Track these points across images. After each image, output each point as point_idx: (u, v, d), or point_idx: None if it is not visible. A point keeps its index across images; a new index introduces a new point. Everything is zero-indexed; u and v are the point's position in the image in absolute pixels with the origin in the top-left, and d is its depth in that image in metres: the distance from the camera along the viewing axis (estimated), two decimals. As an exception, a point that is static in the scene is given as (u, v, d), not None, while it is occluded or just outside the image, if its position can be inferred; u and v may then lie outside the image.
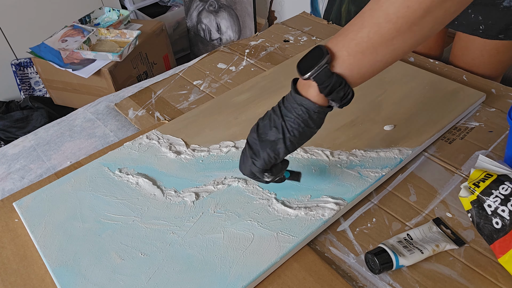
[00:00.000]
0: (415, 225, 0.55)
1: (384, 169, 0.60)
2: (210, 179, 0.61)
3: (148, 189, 0.60)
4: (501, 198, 0.49)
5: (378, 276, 0.50)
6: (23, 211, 0.58)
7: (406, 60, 0.87)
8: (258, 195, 0.58)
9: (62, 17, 1.87)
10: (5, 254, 0.55)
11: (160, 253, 0.52)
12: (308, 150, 0.64)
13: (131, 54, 1.52)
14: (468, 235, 0.53)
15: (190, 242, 0.53)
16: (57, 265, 0.51)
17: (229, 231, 0.54)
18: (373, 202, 0.59)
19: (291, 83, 0.50)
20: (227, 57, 0.97)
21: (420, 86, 0.76)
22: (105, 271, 0.50)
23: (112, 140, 0.76)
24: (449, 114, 0.69)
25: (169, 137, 0.70)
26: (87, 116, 0.84)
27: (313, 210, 0.55)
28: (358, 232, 0.55)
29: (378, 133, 0.66)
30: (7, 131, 1.61)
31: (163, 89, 0.88)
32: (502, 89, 0.77)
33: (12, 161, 0.74)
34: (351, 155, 0.63)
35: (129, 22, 1.70)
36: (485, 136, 0.67)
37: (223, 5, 1.90)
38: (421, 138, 0.65)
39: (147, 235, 0.54)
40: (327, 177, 0.59)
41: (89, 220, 0.57)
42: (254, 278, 0.48)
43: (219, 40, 2.00)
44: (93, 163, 0.66)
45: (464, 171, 0.61)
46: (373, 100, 0.73)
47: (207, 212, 0.56)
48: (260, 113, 0.74)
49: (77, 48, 1.43)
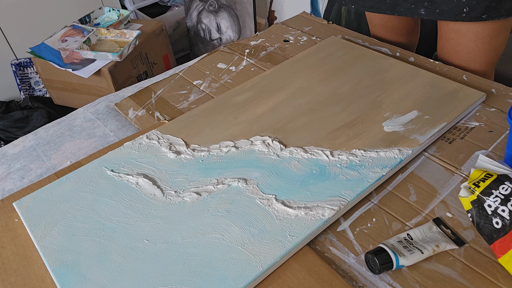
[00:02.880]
0: (415, 225, 0.55)
1: (384, 169, 0.60)
2: (210, 179, 0.61)
3: (148, 189, 0.60)
4: (501, 198, 0.49)
5: (378, 276, 0.50)
6: (23, 211, 0.58)
7: (406, 60, 0.87)
8: (258, 195, 0.58)
9: (62, 17, 1.87)
10: (5, 254, 0.55)
11: (160, 253, 0.52)
12: (308, 150, 0.64)
13: (131, 54, 1.52)
14: (468, 235, 0.53)
15: (190, 242, 0.53)
16: (57, 265, 0.51)
17: (229, 231, 0.54)
18: (373, 202, 0.59)
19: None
20: (227, 57, 0.97)
21: (420, 86, 0.76)
22: (105, 271, 0.50)
23: (112, 140, 0.76)
24: (449, 114, 0.69)
25: (169, 137, 0.70)
26: (87, 116, 0.84)
27: (313, 210, 0.55)
28: (358, 232, 0.55)
29: (378, 133, 0.66)
30: (7, 131, 1.61)
31: (163, 89, 0.88)
32: (502, 89, 0.77)
33: (12, 161, 0.74)
34: (351, 155, 0.63)
35: (129, 22, 1.70)
36: (485, 136, 0.67)
37: (223, 5, 1.90)
38: (421, 138, 0.65)
39: (147, 235, 0.54)
40: (327, 177, 0.59)
41: (89, 220, 0.56)
42: (254, 278, 0.48)
43: (219, 40, 2.00)
44: (93, 163, 0.66)
45: (464, 171, 0.61)
46: (373, 100, 0.73)
47: (207, 212, 0.56)
48: (260, 113, 0.74)
49: (77, 48, 1.43)
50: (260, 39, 1.03)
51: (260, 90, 0.79)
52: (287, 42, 1.00)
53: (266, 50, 0.98)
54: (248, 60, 0.95)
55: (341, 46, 0.91)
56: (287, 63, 0.87)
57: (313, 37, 1.00)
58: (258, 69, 0.91)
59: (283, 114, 0.73)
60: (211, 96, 0.84)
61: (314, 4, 1.74)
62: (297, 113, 0.72)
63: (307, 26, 1.06)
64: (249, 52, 0.98)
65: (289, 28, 1.06)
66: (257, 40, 1.03)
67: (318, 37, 1.00)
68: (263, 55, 0.96)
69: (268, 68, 0.90)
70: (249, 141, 0.67)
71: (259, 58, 0.95)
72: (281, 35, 1.04)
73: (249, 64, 0.93)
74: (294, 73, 0.83)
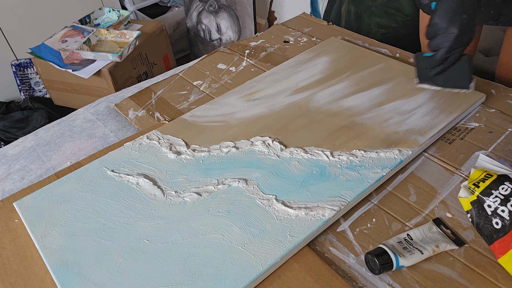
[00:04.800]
0: (415, 225, 0.55)
1: (384, 170, 0.60)
2: (211, 179, 0.61)
3: (149, 189, 0.61)
4: (501, 199, 0.49)
5: (378, 277, 0.50)
6: (23, 211, 0.59)
7: (406, 60, 0.88)
8: (258, 195, 0.58)
9: (62, 17, 1.87)
10: (5, 254, 0.55)
11: (160, 254, 0.52)
12: (308, 151, 0.64)
13: (131, 54, 1.52)
14: (468, 235, 0.53)
15: (191, 242, 0.53)
16: (57, 265, 0.51)
17: (229, 231, 0.54)
18: (373, 202, 0.59)
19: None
20: (227, 57, 0.97)
21: (418, 87, 0.75)
22: (105, 271, 0.50)
23: (112, 141, 0.76)
24: (450, 114, 0.69)
25: (169, 137, 0.70)
26: (87, 117, 0.84)
27: (313, 210, 0.55)
28: (358, 233, 0.55)
29: (378, 133, 0.66)
30: (7, 131, 1.61)
31: (163, 90, 0.88)
32: (501, 90, 0.77)
33: (12, 161, 0.74)
34: (351, 156, 0.63)
35: (129, 22, 1.70)
36: (485, 136, 0.67)
37: (223, 6, 1.90)
38: (421, 138, 0.65)
39: (148, 235, 0.54)
40: (327, 178, 0.60)
41: (89, 220, 0.57)
42: (255, 278, 0.48)
43: (219, 40, 2.00)
44: (93, 163, 0.66)
45: (464, 171, 0.61)
46: (373, 101, 0.73)
47: (208, 212, 0.56)
48: (260, 113, 0.74)
49: (77, 49, 1.43)
50: (260, 40, 1.03)
51: (261, 90, 0.80)
52: (287, 43, 1.00)
53: (266, 51, 0.98)
54: (248, 60, 0.95)
55: (341, 47, 0.91)
56: (287, 63, 0.87)
57: (313, 38, 1.01)
58: (258, 69, 0.91)
59: (283, 115, 0.73)
60: (211, 96, 0.84)
61: (314, 4, 1.75)
62: (297, 114, 0.73)
63: (307, 27, 1.06)
64: (249, 52, 0.98)
65: (289, 29, 1.06)
66: (257, 41, 1.03)
67: (318, 38, 1.00)
68: (263, 56, 0.96)
69: (268, 68, 0.90)
70: (249, 142, 0.67)
71: (259, 59, 0.95)
72: (281, 36, 1.04)
73: (249, 65, 0.93)
74: (294, 73, 0.83)
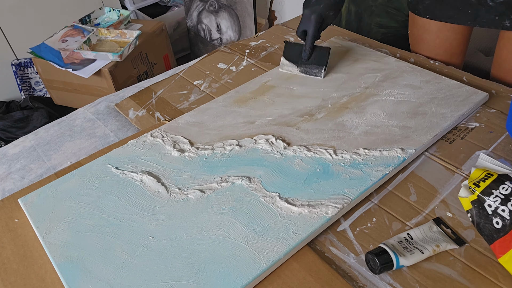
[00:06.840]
0: (416, 224, 0.55)
1: (387, 168, 0.60)
2: (214, 177, 0.61)
3: (153, 186, 0.61)
4: (501, 198, 0.49)
5: (378, 276, 0.50)
6: (28, 208, 0.59)
7: (406, 60, 0.88)
8: (261, 192, 0.58)
9: (62, 17, 1.87)
10: (5, 254, 0.55)
11: (164, 250, 0.52)
12: (312, 149, 0.64)
13: (131, 54, 1.52)
14: (468, 234, 0.53)
15: (194, 239, 0.53)
16: (62, 260, 0.51)
17: (233, 228, 0.54)
18: (373, 201, 0.59)
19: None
20: (228, 57, 0.97)
21: (422, 86, 0.76)
22: (110, 267, 0.50)
23: (112, 140, 0.76)
24: (453, 113, 0.69)
25: (173, 135, 0.70)
26: (88, 116, 0.84)
27: (316, 208, 0.55)
28: (358, 232, 0.55)
29: (381, 132, 0.66)
30: (8, 131, 1.61)
31: (163, 89, 0.88)
32: (502, 90, 0.77)
33: (13, 161, 0.74)
34: (355, 154, 0.63)
35: (129, 22, 1.70)
36: (486, 136, 0.67)
37: (223, 5, 1.90)
38: (423, 137, 0.65)
39: (152, 232, 0.54)
40: (331, 176, 0.60)
41: (94, 217, 0.57)
42: (258, 275, 0.48)
43: (219, 40, 2.00)
44: (98, 161, 0.66)
45: (464, 170, 0.61)
46: (375, 100, 0.74)
47: (211, 209, 0.56)
48: (264, 112, 0.74)
49: (77, 48, 1.43)
50: (260, 40, 1.03)
51: (261, 90, 0.80)
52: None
53: (266, 51, 0.98)
54: (248, 60, 0.95)
55: (342, 47, 0.91)
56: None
57: (313, 38, 1.00)
58: (259, 69, 0.91)
59: (286, 113, 0.73)
60: (212, 96, 0.84)
61: (314, 4, 1.74)
62: (300, 113, 0.73)
63: (307, 27, 1.06)
64: (250, 52, 0.98)
65: (289, 29, 1.06)
66: (257, 40, 1.03)
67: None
68: (263, 56, 0.96)
69: (269, 68, 0.90)
70: (252, 140, 0.67)
71: (259, 59, 0.95)
72: (281, 36, 1.04)
73: (250, 64, 0.93)
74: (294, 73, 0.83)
